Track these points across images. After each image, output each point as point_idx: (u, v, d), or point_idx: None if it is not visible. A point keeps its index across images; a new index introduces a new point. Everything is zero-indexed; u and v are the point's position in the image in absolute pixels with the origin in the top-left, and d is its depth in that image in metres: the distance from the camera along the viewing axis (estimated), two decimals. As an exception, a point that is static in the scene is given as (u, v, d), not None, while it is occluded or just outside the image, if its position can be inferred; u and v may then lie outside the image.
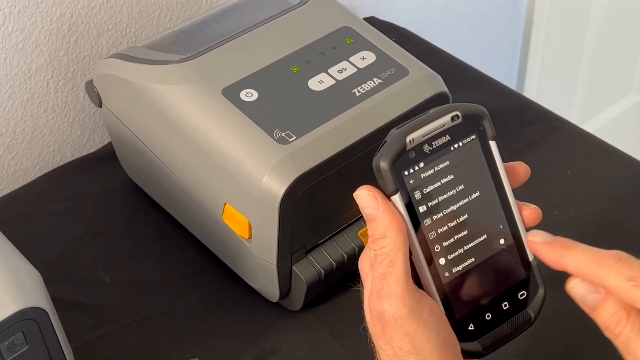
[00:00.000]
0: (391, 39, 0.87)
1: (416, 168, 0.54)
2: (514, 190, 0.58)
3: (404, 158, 0.54)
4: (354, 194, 0.55)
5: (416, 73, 0.82)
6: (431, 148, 0.55)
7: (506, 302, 0.58)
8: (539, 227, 0.59)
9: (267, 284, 0.81)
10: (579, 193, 0.95)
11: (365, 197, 0.55)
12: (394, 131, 0.54)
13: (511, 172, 0.58)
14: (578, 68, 1.75)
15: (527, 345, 0.77)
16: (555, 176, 0.96)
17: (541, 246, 0.54)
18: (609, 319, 0.51)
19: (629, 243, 0.82)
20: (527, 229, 0.58)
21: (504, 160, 0.58)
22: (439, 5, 1.42)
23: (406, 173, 0.54)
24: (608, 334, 0.52)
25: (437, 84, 0.82)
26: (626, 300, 0.50)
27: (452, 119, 0.55)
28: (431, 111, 0.55)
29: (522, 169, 0.58)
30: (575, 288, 0.53)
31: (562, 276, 0.81)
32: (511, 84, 1.66)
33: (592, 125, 1.79)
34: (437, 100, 0.81)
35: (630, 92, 1.90)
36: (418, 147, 0.54)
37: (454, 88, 0.86)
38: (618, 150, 1.00)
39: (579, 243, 0.53)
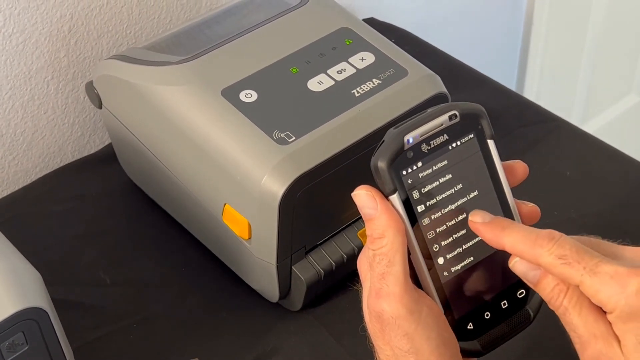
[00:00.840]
0: (390, 40, 0.87)
1: (414, 167, 0.55)
2: (512, 189, 0.58)
3: (402, 158, 0.54)
4: (352, 194, 0.55)
5: (415, 74, 0.82)
6: (429, 147, 0.55)
7: (505, 301, 0.58)
8: (537, 225, 0.59)
9: (267, 284, 0.81)
10: (578, 193, 0.95)
11: (363, 197, 0.55)
12: (391, 131, 0.54)
13: (509, 171, 0.58)
14: (578, 69, 1.75)
15: (526, 345, 0.77)
16: (555, 176, 0.96)
17: (480, 226, 0.55)
18: (550, 292, 0.53)
19: (629, 243, 0.82)
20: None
21: (502, 159, 0.58)
22: (439, 6, 1.42)
23: (404, 173, 0.54)
24: (550, 306, 0.53)
25: (436, 85, 0.82)
26: (559, 277, 0.52)
27: (450, 118, 0.55)
28: (429, 110, 0.55)
29: (520, 168, 0.58)
30: (517, 265, 0.54)
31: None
32: (511, 84, 1.66)
33: (592, 126, 1.79)
34: (436, 101, 0.81)
35: (630, 93, 1.90)
36: (416, 147, 0.54)
37: (453, 89, 0.86)
38: (618, 150, 1.00)
39: (516, 223, 0.54)
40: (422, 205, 0.55)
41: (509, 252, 0.54)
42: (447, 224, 0.56)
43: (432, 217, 0.55)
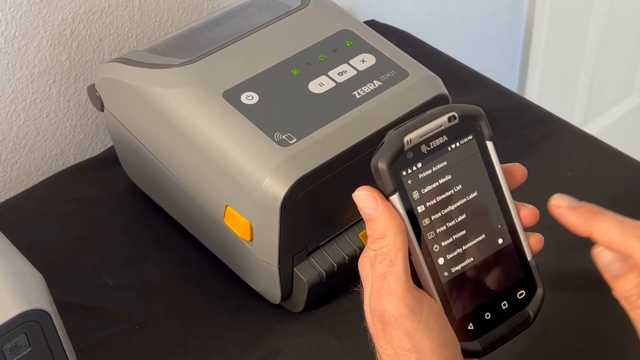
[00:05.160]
0: (391, 42, 0.87)
1: (414, 168, 0.55)
2: (513, 191, 0.58)
3: (402, 159, 0.54)
4: (353, 195, 0.56)
5: (416, 75, 0.82)
6: (429, 148, 0.55)
7: (505, 302, 0.58)
8: (537, 227, 0.59)
9: (269, 286, 0.82)
10: (579, 194, 0.94)
11: (364, 197, 0.55)
12: (391, 132, 0.55)
13: (508, 173, 0.58)
14: (579, 70, 1.75)
15: (526, 345, 0.77)
16: (556, 178, 0.96)
17: (567, 211, 0.53)
18: (631, 289, 0.51)
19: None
20: (525, 230, 0.58)
21: (503, 161, 0.58)
22: (440, 8, 1.42)
23: (404, 173, 0.55)
24: (626, 304, 0.51)
25: (437, 86, 0.82)
26: None
27: (449, 119, 0.55)
28: (428, 112, 0.55)
29: (519, 170, 0.58)
30: (602, 254, 0.52)
31: (562, 276, 0.81)
32: (512, 86, 1.66)
33: (593, 128, 1.79)
34: (437, 102, 0.81)
35: (632, 94, 1.90)
36: (416, 148, 0.55)
37: (454, 90, 0.86)
38: (619, 151, 1.00)
39: (607, 210, 0.52)
40: (422, 206, 0.55)
41: (597, 240, 0.52)
42: (447, 224, 0.56)
43: (432, 217, 0.55)
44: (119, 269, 0.88)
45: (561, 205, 0.53)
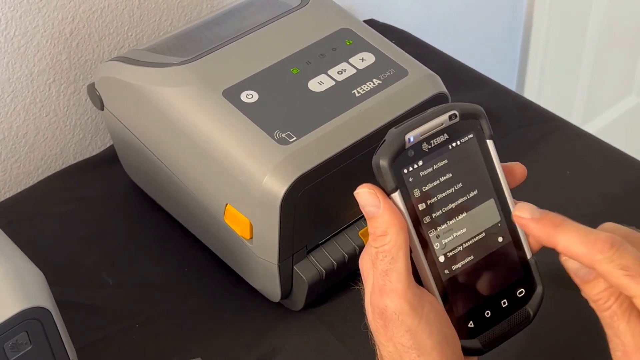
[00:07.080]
0: (391, 41, 0.87)
1: (415, 166, 0.55)
2: (512, 190, 0.58)
3: (403, 156, 0.55)
4: (355, 192, 0.56)
5: (415, 74, 0.82)
6: (430, 146, 0.55)
7: (505, 300, 0.58)
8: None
9: (269, 284, 0.82)
10: (578, 194, 0.95)
11: (365, 195, 0.55)
12: (393, 130, 0.55)
13: (508, 173, 0.58)
14: (578, 69, 1.75)
15: (526, 343, 0.78)
16: (555, 177, 0.97)
17: (529, 222, 0.54)
18: (600, 292, 0.52)
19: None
20: None
21: (502, 160, 0.58)
22: (439, 8, 1.42)
23: (405, 171, 0.55)
24: (595, 307, 0.52)
25: (436, 85, 0.82)
26: (617, 287, 0.51)
27: (450, 117, 0.56)
28: (429, 110, 0.56)
29: (519, 169, 0.59)
30: (568, 262, 0.53)
31: (561, 274, 0.81)
32: (511, 85, 1.66)
33: (592, 127, 1.79)
34: (436, 101, 0.81)
35: (631, 94, 1.91)
36: (417, 146, 0.55)
37: (453, 89, 0.86)
38: (618, 150, 1.00)
39: (569, 221, 0.52)
40: (423, 204, 0.55)
41: (561, 252, 0.52)
42: (448, 222, 0.56)
43: (433, 215, 0.56)
44: (119, 268, 0.88)
45: (524, 216, 0.54)
